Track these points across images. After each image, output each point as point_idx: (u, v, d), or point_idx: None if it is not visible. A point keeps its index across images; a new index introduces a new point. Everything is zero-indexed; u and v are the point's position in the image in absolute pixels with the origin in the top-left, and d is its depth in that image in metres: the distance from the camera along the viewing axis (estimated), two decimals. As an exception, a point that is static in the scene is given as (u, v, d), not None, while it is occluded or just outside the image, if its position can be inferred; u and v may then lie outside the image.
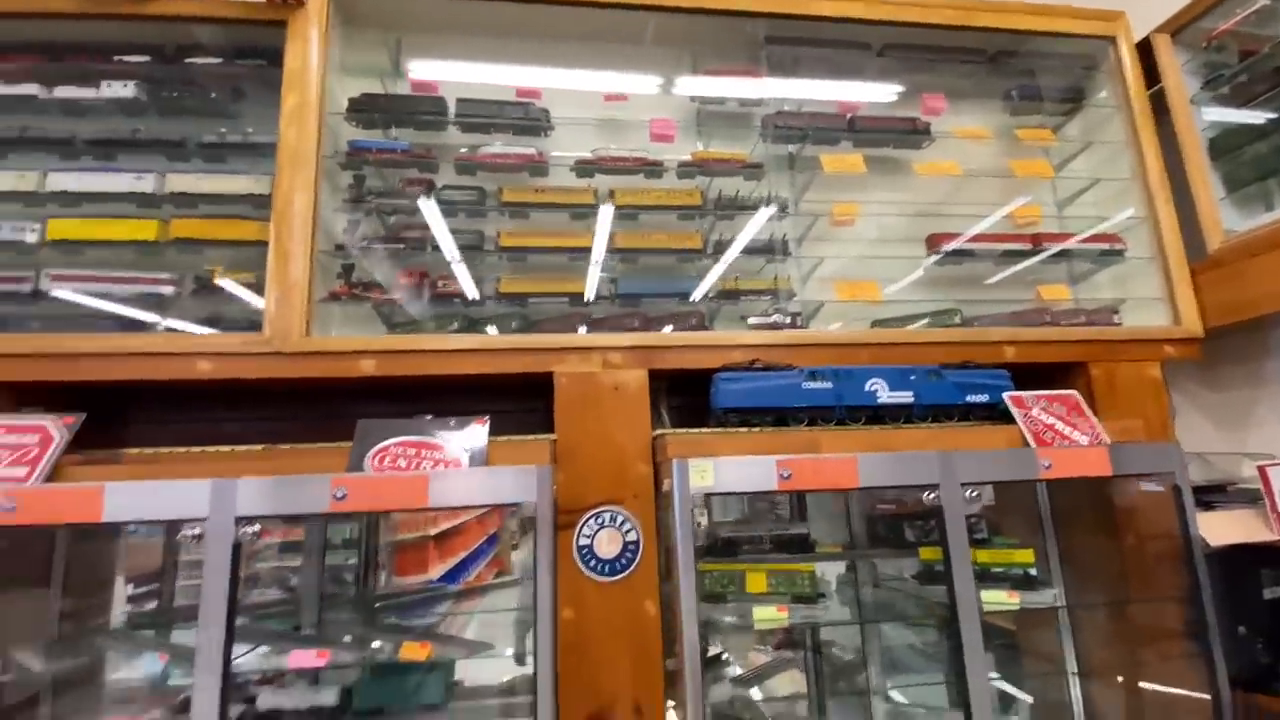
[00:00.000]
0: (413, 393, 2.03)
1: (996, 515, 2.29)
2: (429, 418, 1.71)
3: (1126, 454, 1.75)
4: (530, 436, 1.83)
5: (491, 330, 2.14)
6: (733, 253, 2.25)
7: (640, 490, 1.87)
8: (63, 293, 1.97)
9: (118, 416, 2.05)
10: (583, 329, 2.14)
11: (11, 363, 1.77)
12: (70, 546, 1.94)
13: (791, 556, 1.91)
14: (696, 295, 2.24)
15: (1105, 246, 2.45)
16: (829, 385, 1.89)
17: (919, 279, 2.44)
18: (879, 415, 1.93)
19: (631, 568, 1.81)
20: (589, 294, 2.21)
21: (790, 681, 2.29)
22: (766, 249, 2.29)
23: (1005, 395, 1.93)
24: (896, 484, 1.62)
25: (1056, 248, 2.46)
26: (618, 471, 1.87)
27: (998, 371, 2.01)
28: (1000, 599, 1.71)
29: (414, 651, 1.51)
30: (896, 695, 2.20)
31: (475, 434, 1.70)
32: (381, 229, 2.21)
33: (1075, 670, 2.10)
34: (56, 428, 1.59)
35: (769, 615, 1.64)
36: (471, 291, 2.15)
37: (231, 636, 1.38)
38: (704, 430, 1.89)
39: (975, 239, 2.43)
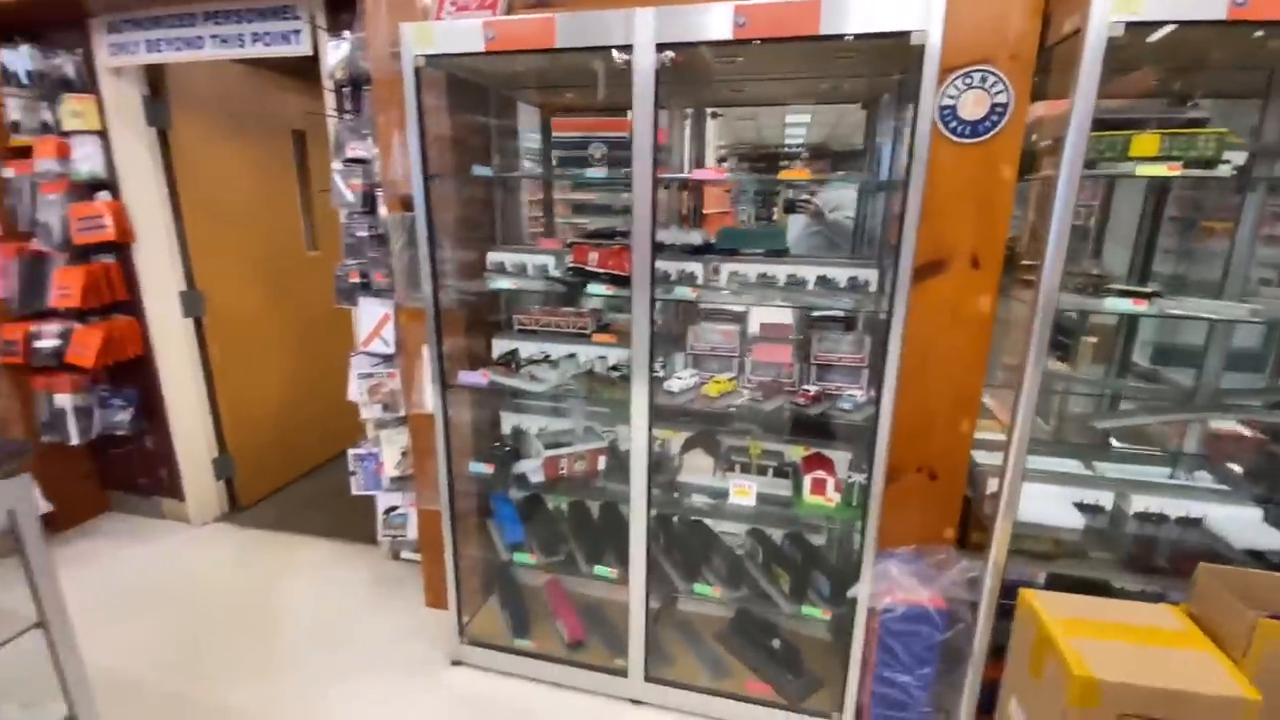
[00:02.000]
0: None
1: None
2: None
3: None
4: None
5: None
6: None
7: (1021, 50, 1.74)
8: None
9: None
10: None
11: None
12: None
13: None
14: None
15: None
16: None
17: None
18: None
19: (994, 130, 1.79)
20: None
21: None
22: None
23: None
24: None
25: None
26: (998, 25, 1.73)
27: None
28: None
29: (794, 174, 1.76)
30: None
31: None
32: None
33: None
34: (498, -24, 1.90)
35: (1155, 171, 1.55)
36: None
37: (657, 143, 1.73)
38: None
39: None
